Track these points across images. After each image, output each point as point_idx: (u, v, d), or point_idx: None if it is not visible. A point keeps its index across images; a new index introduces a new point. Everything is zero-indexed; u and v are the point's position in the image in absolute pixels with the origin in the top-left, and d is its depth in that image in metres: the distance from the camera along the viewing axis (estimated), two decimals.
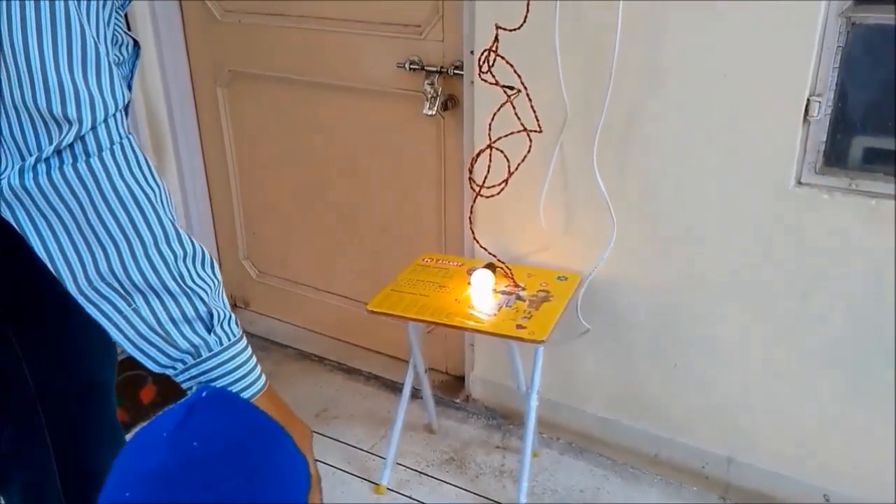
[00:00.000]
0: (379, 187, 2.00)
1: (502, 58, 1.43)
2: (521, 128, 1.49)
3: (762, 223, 1.43)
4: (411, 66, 1.78)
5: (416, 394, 1.77)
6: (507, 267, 1.58)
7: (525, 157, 1.51)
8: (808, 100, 1.32)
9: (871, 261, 1.35)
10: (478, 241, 1.62)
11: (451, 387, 2.00)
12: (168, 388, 2.04)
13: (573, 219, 1.62)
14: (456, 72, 1.72)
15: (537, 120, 1.49)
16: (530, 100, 1.47)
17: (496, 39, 1.42)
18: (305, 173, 2.12)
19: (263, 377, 0.82)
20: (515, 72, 1.44)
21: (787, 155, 1.37)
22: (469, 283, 1.56)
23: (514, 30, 1.40)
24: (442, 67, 1.75)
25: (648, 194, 1.52)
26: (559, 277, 1.61)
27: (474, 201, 1.60)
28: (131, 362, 0.79)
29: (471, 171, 1.56)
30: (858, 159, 1.35)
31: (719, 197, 1.45)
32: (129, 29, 0.95)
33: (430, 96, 1.76)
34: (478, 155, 1.55)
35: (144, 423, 0.73)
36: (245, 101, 2.14)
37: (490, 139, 1.51)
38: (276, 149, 2.15)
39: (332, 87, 1.96)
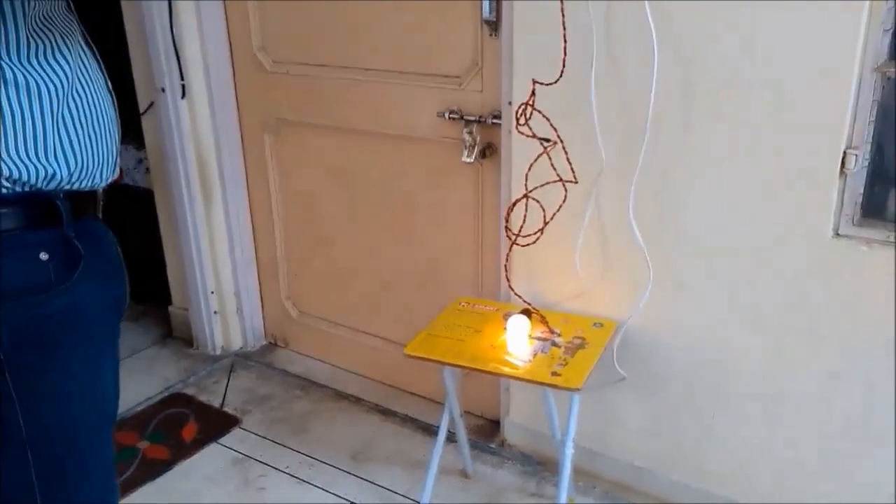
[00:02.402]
0: (418, 231, 2.04)
1: (538, 111, 1.47)
2: (558, 178, 1.52)
3: (799, 274, 1.43)
4: (451, 116, 1.83)
5: (451, 437, 1.78)
6: (542, 314, 1.60)
7: (560, 206, 1.53)
8: (845, 152, 1.33)
9: None
10: (513, 289, 1.65)
11: (487, 431, 2.01)
12: (210, 425, 2.09)
13: (609, 266, 1.63)
14: (494, 121, 1.77)
15: (573, 171, 1.52)
16: (566, 152, 1.50)
17: (533, 93, 1.47)
18: (347, 217, 2.17)
19: None
20: (551, 125, 1.48)
21: (825, 206, 1.37)
22: (505, 329, 1.58)
23: (551, 84, 1.44)
24: (481, 117, 1.79)
25: (685, 243, 1.53)
26: (595, 324, 1.61)
27: (510, 249, 1.63)
28: (172, 399, 0.83)
29: (507, 220, 1.59)
30: None
31: (756, 247, 1.45)
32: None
33: (468, 144, 1.81)
34: (514, 204, 1.58)
35: (186, 461, 0.74)
36: (291, 147, 2.22)
37: (527, 189, 1.54)
38: (319, 193, 2.21)
39: (374, 134, 2.02)
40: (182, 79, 2.17)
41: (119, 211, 2.86)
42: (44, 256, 0.91)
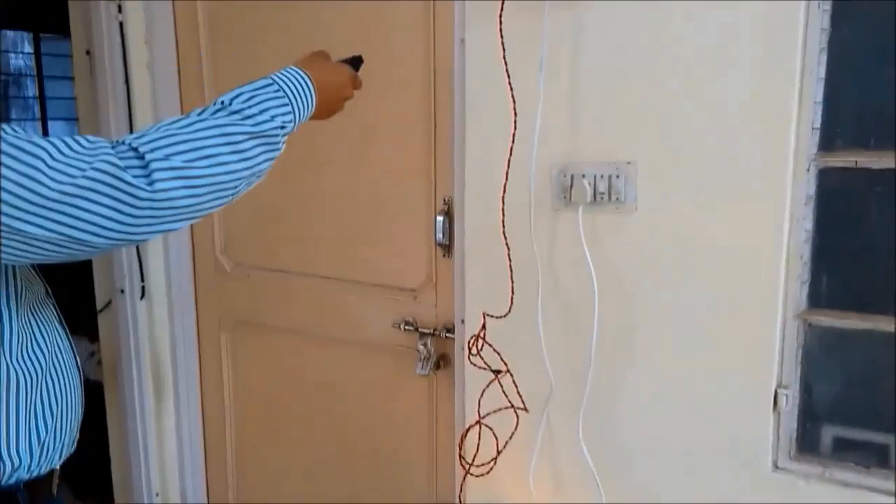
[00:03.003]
0: (373, 442, 2.04)
1: (489, 345, 1.54)
2: (509, 404, 1.57)
3: None
4: (405, 327, 1.89)
5: None
6: None
7: (512, 434, 1.57)
8: (776, 391, 1.42)
9: None
10: None
11: None
12: None
13: (563, 490, 1.65)
14: (448, 335, 1.83)
15: (522, 401, 1.57)
16: (515, 384, 1.56)
17: (483, 326, 1.54)
18: (300, 419, 2.17)
19: (303, 77, 1.02)
20: (501, 358, 1.55)
21: (763, 440, 1.44)
22: None
23: (501, 317, 1.53)
24: (435, 330, 1.86)
25: (632, 468, 1.57)
26: None
27: (464, 479, 1.65)
28: None
29: (461, 450, 1.62)
30: (829, 447, 1.42)
31: (699, 478, 1.50)
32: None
33: (423, 356, 1.86)
34: (467, 431, 1.61)
35: None
36: (247, 347, 2.24)
37: (479, 415, 1.58)
38: (273, 394, 2.21)
39: (330, 339, 2.06)
40: (142, 280, 2.21)
41: None
42: None
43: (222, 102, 0.93)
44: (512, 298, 1.52)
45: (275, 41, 1.99)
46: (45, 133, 6.90)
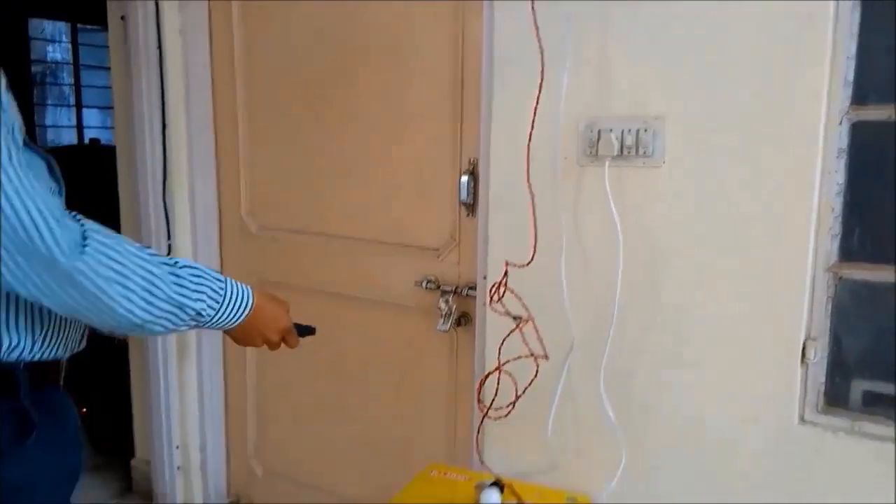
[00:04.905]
0: (392, 397, 2.04)
1: (511, 291, 1.53)
2: (529, 353, 1.56)
3: (767, 458, 1.44)
4: (428, 285, 1.89)
5: None
6: (514, 488, 1.58)
7: (531, 381, 1.56)
8: (805, 343, 1.39)
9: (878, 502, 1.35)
10: (483, 462, 1.64)
11: None
12: None
13: (583, 441, 1.64)
14: (469, 292, 1.83)
15: (544, 348, 1.56)
16: (537, 330, 1.55)
17: (506, 274, 1.53)
18: (320, 379, 2.18)
19: (248, 294, 1.14)
20: (523, 304, 1.54)
21: (789, 394, 1.41)
22: (477, 501, 1.56)
23: (523, 266, 1.52)
24: (457, 287, 1.86)
25: (654, 422, 1.55)
26: (568, 499, 1.60)
27: (482, 422, 1.64)
28: None
29: (479, 393, 1.61)
30: (859, 401, 1.39)
31: (724, 432, 1.48)
32: None
33: (444, 313, 1.86)
34: (486, 377, 1.61)
35: None
36: None
37: (499, 362, 1.57)
38: (295, 352, 2.22)
39: (353, 299, 2.07)
40: (169, 238, 2.23)
41: (92, 361, 2.84)
42: None
43: (175, 262, 1.01)
44: (535, 247, 1.51)
45: (307, 8, 2.00)
46: (79, 120, 7.04)
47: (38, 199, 0.86)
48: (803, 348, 1.39)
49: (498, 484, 1.59)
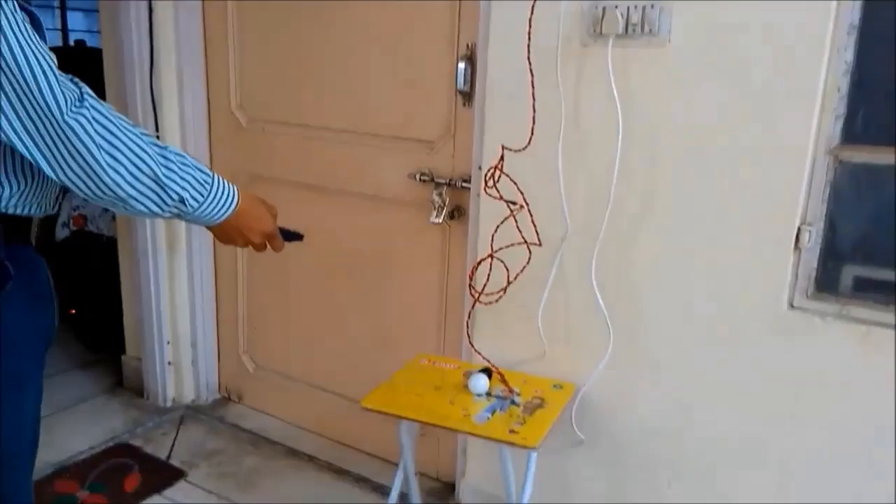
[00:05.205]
0: (383, 290, 2.04)
1: (507, 175, 1.51)
2: (523, 240, 1.56)
3: (755, 344, 1.46)
4: (421, 178, 1.87)
5: (404, 498, 1.74)
6: (502, 372, 1.60)
7: (524, 268, 1.56)
8: (799, 228, 1.39)
9: (862, 385, 1.37)
10: (474, 346, 1.65)
11: (441, 493, 1.97)
12: (153, 478, 2.01)
13: (571, 330, 1.65)
14: (464, 185, 1.81)
15: (538, 234, 1.55)
16: (531, 215, 1.54)
17: (502, 158, 1.51)
18: (312, 272, 2.17)
19: (233, 193, 1.08)
20: (518, 189, 1.52)
21: (780, 279, 1.42)
22: (464, 386, 1.58)
23: (519, 150, 1.49)
24: (451, 180, 1.83)
25: (644, 310, 1.56)
26: (555, 386, 1.62)
27: (473, 307, 1.64)
28: (117, 449, 0.81)
29: (471, 279, 1.61)
30: (849, 286, 1.40)
31: (714, 317, 1.49)
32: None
33: (437, 206, 1.84)
34: (479, 263, 1.60)
35: None
36: None
37: (492, 249, 1.57)
38: (286, 249, 2.20)
39: (344, 193, 2.05)
40: (157, 130, 2.18)
41: (80, 257, 2.83)
42: None
43: (167, 147, 0.99)
44: (533, 129, 1.48)
45: None
46: (64, 22, 6.84)
47: (42, 52, 0.87)
48: (797, 234, 1.39)
49: (486, 371, 1.60)
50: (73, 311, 2.74)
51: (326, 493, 1.99)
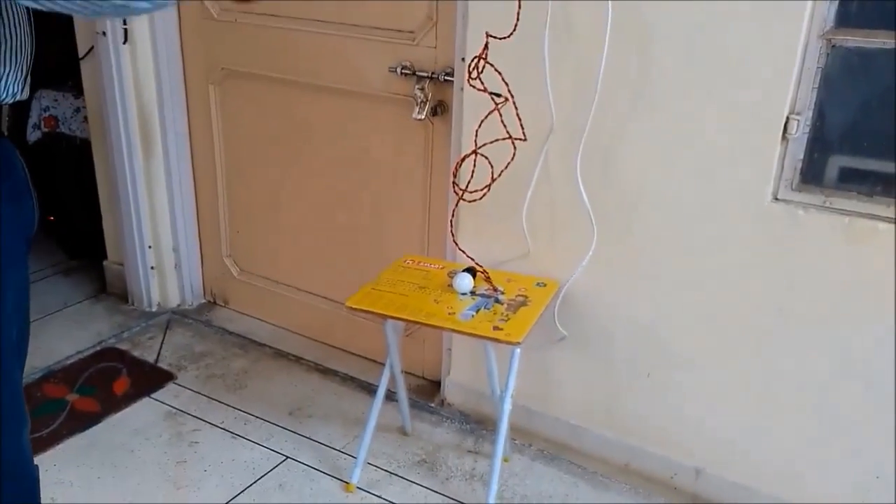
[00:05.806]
0: (364, 189, 2.01)
1: (491, 65, 1.46)
2: (507, 135, 1.52)
3: (738, 237, 1.46)
4: (403, 71, 1.80)
5: (391, 396, 1.77)
6: (486, 271, 1.60)
7: (508, 164, 1.53)
8: (788, 118, 1.36)
9: (844, 277, 1.38)
10: (458, 245, 1.64)
11: (427, 391, 2.01)
12: (142, 381, 2.03)
13: (555, 227, 1.64)
14: (447, 78, 1.75)
15: (522, 129, 1.51)
16: (516, 108, 1.49)
17: (486, 47, 1.45)
18: (292, 173, 2.13)
19: None
20: (503, 80, 1.47)
21: (765, 171, 1.40)
22: (449, 286, 1.58)
23: (504, 38, 1.43)
24: (433, 73, 1.77)
25: (628, 206, 1.54)
26: (538, 284, 1.62)
27: (457, 205, 1.62)
28: (104, 353, 0.80)
29: (455, 176, 1.58)
30: (834, 178, 1.39)
31: (697, 211, 1.48)
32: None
33: (420, 101, 1.79)
34: (463, 159, 1.57)
35: (116, 415, 0.74)
36: (236, 99, 2.16)
37: (476, 145, 1.53)
38: (264, 148, 2.16)
39: (323, 89, 1.98)
40: (125, 23, 2.08)
41: (54, 161, 2.76)
42: None
43: None
44: (518, 14, 1.42)
45: None
46: None
47: None
48: (785, 123, 1.36)
49: (470, 270, 1.60)
50: (53, 218, 2.70)
51: (314, 392, 2.02)
